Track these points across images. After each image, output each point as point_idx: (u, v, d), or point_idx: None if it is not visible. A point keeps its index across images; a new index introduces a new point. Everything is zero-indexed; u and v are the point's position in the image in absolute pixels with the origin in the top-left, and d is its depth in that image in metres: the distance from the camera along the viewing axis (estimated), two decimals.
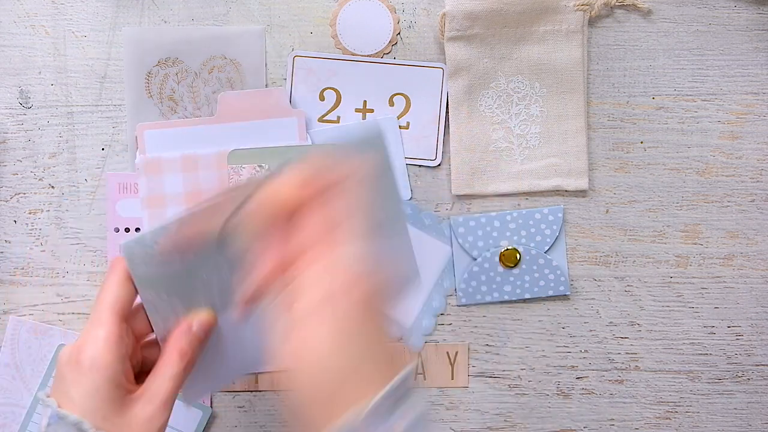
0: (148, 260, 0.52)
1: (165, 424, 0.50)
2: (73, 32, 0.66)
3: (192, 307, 0.54)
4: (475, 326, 0.68)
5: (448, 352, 0.67)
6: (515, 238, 0.67)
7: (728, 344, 0.68)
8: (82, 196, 0.66)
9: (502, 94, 0.67)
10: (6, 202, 0.66)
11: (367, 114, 0.67)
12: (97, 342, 0.49)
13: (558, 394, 0.68)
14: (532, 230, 0.67)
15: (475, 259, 0.67)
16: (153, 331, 0.53)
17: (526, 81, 0.67)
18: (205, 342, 0.53)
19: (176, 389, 0.51)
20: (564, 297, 0.68)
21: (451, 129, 0.67)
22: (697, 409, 0.68)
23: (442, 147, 0.67)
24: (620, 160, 0.68)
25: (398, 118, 0.67)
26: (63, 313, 0.66)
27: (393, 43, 0.67)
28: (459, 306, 0.67)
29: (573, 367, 0.68)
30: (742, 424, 0.68)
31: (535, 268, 0.67)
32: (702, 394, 0.68)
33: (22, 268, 0.66)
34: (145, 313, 0.53)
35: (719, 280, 0.68)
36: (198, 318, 0.53)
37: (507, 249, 0.67)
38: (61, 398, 0.48)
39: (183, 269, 0.53)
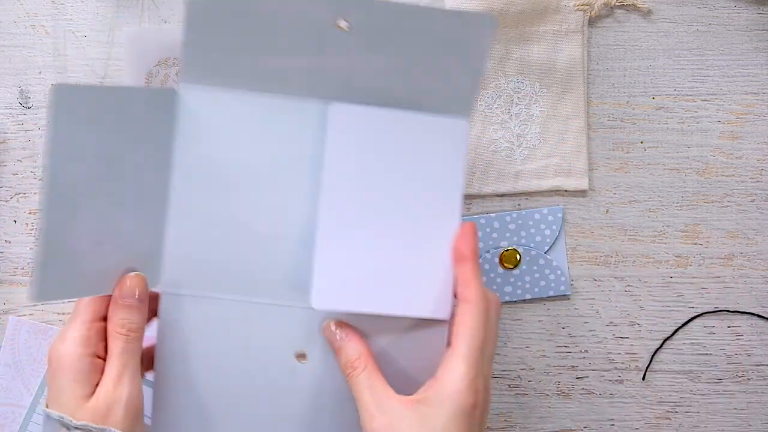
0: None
1: (128, 397, 0.50)
2: (73, 32, 0.66)
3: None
4: None
5: None
6: (515, 238, 0.67)
7: (728, 344, 0.68)
8: None
9: (502, 94, 0.67)
10: (6, 202, 0.66)
11: None
12: (64, 342, 0.51)
13: (558, 394, 0.68)
14: (532, 231, 0.67)
15: None
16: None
17: (526, 81, 0.67)
18: (144, 307, 0.52)
19: (124, 365, 0.50)
20: (564, 297, 0.68)
21: None
22: (697, 409, 0.68)
23: None
24: (620, 160, 0.68)
25: None
26: (63, 313, 0.66)
27: None
28: None
29: (573, 367, 0.68)
30: (742, 424, 0.68)
31: (535, 268, 0.67)
32: (702, 394, 0.68)
33: (22, 268, 0.66)
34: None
35: (719, 280, 0.68)
36: (129, 286, 0.52)
37: (507, 250, 0.67)
38: (48, 396, 0.51)
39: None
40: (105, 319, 0.52)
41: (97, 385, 0.50)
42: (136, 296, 0.52)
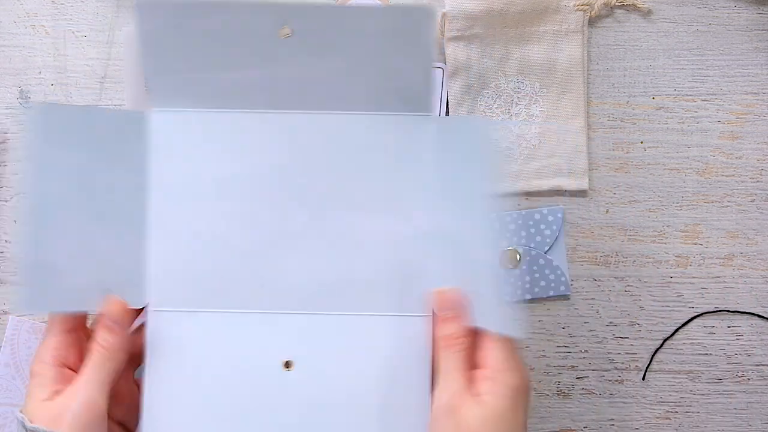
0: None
1: (80, 405, 0.51)
2: (73, 32, 0.66)
3: None
4: None
5: None
6: (515, 238, 0.67)
7: (728, 344, 0.68)
8: None
9: (502, 94, 0.67)
10: (6, 202, 0.66)
11: None
12: (39, 350, 0.54)
13: (558, 394, 0.68)
14: (532, 231, 0.67)
15: None
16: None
17: (526, 81, 0.67)
18: (123, 332, 0.54)
19: (88, 377, 0.52)
20: (564, 297, 0.68)
21: None
22: (697, 409, 0.68)
23: None
24: (620, 160, 0.68)
25: None
26: None
27: None
28: None
29: (573, 367, 0.68)
30: (742, 424, 0.68)
31: (535, 268, 0.67)
32: (702, 394, 0.68)
33: None
34: None
35: (719, 280, 0.68)
36: (108, 309, 0.54)
37: (507, 250, 0.67)
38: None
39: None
40: (78, 330, 0.55)
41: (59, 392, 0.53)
42: (114, 320, 0.54)
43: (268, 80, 0.54)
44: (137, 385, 0.56)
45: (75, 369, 0.54)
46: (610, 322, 0.68)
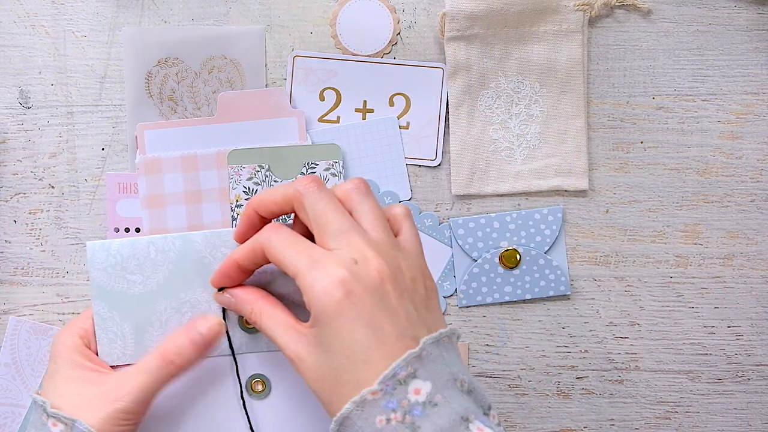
0: (109, 270, 0.53)
1: (129, 415, 0.51)
2: (73, 32, 0.66)
3: (144, 346, 0.54)
4: (475, 326, 0.68)
5: None
6: (515, 238, 0.67)
7: (728, 344, 0.68)
8: (82, 196, 0.66)
9: (502, 94, 0.67)
10: (6, 202, 0.66)
11: (367, 114, 0.67)
12: (65, 331, 0.54)
13: (558, 394, 0.68)
14: (532, 231, 0.67)
15: (475, 261, 0.67)
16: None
17: (526, 81, 0.67)
18: (204, 351, 0.53)
19: (149, 384, 0.51)
20: (564, 297, 0.68)
21: (451, 129, 0.67)
22: (697, 409, 0.68)
23: (442, 147, 0.67)
24: (620, 160, 0.68)
25: (398, 118, 0.67)
26: (63, 313, 0.66)
27: (393, 43, 0.67)
28: (460, 307, 0.67)
29: (573, 367, 0.68)
30: (742, 424, 0.68)
31: (535, 268, 0.67)
32: (702, 394, 0.68)
33: (22, 268, 0.66)
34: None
35: (719, 280, 0.68)
36: (206, 322, 0.53)
37: (507, 250, 0.67)
38: (43, 380, 0.55)
39: (142, 294, 0.54)
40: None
41: (89, 374, 0.52)
42: (204, 340, 0.53)
43: None
44: None
45: (95, 351, 0.54)
46: (610, 322, 0.68)
